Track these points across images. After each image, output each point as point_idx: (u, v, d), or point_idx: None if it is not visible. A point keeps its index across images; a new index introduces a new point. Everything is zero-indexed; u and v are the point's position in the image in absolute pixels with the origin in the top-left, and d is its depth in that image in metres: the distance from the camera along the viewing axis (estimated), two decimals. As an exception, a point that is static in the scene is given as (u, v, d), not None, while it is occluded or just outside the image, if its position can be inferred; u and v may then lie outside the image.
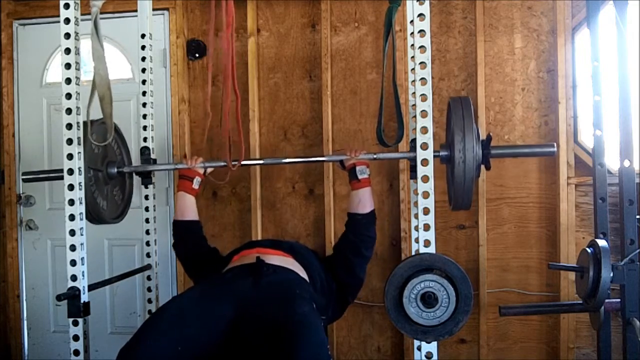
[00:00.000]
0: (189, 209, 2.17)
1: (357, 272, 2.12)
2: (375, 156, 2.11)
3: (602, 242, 1.93)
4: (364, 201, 2.10)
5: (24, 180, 2.25)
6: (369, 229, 2.12)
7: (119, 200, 2.29)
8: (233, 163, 2.08)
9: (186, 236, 2.18)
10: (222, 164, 2.13)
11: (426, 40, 1.77)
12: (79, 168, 1.88)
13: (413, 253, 2.21)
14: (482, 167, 1.90)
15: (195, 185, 2.17)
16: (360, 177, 2.09)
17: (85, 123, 1.89)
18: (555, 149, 2.03)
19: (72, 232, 1.87)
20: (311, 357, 1.45)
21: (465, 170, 1.76)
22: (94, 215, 2.02)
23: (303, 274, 1.91)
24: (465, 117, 1.80)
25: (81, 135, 1.88)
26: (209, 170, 2.21)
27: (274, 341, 1.49)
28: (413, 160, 1.83)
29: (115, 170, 2.17)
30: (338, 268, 2.10)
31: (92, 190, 2.01)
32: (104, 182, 2.13)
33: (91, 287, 1.96)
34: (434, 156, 1.80)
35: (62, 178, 1.93)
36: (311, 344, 1.48)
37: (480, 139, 1.86)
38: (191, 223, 2.18)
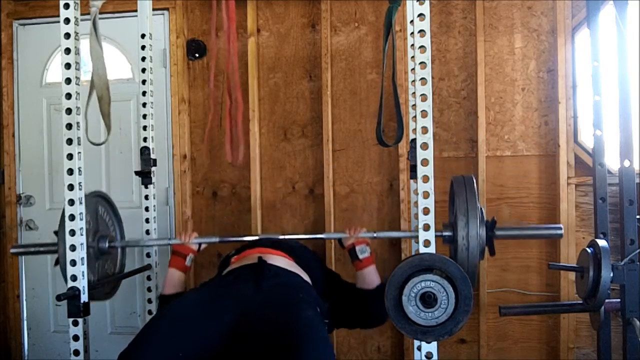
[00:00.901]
0: (178, 285, 2.10)
1: (351, 324, 2.17)
2: (375, 235, 2.08)
3: (602, 242, 1.93)
4: (370, 280, 2.07)
5: (13, 254, 2.21)
6: (377, 303, 1.97)
7: (110, 275, 2.21)
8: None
9: None
10: (216, 240, 2.11)
11: (426, 40, 1.76)
12: (79, 168, 1.88)
13: (413, 253, 2.21)
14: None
15: (188, 262, 2.11)
16: (361, 257, 2.06)
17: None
18: (563, 231, 1.96)
19: (72, 232, 1.87)
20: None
21: (469, 256, 1.72)
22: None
23: (305, 277, 1.90)
24: (469, 200, 1.74)
25: (81, 136, 1.88)
26: (204, 246, 2.16)
27: (278, 346, 1.48)
28: (413, 159, 1.82)
29: (107, 245, 2.08)
30: (339, 313, 2.04)
31: None
32: (95, 257, 2.05)
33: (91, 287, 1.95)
34: (437, 236, 1.72)
35: (53, 252, 1.92)
36: (318, 348, 1.48)
37: (485, 220, 1.81)
38: (178, 295, 2.08)
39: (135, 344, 1.52)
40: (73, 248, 1.87)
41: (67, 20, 1.85)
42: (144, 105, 2.43)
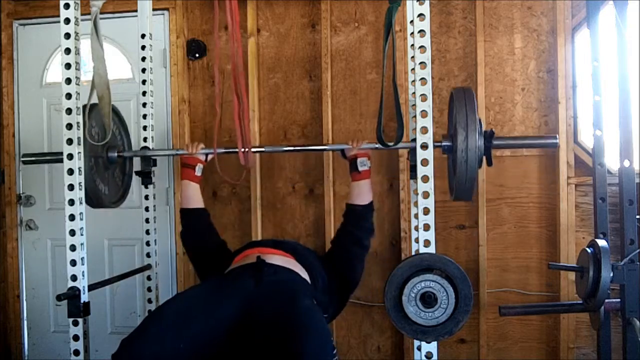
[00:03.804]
0: (194, 196, 2.18)
1: (357, 264, 2.15)
2: (377, 145, 2.10)
3: (602, 242, 1.94)
4: (364, 193, 2.15)
5: (24, 162, 2.27)
6: (368, 219, 2.16)
7: (119, 183, 2.32)
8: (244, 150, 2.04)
9: (194, 224, 2.18)
10: (222, 150, 2.14)
11: (426, 40, 1.77)
12: (79, 168, 1.88)
13: (413, 253, 2.21)
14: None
15: (198, 172, 2.17)
16: (360, 169, 2.13)
17: (84, 107, 1.90)
18: (558, 140, 2.05)
19: (72, 232, 1.87)
20: (318, 348, 1.47)
21: (468, 162, 1.77)
22: (94, 200, 2.04)
23: (304, 275, 1.92)
24: (468, 112, 1.79)
25: (81, 136, 1.88)
26: (210, 156, 2.20)
27: (278, 336, 1.50)
28: (413, 159, 1.83)
29: (116, 154, 2.18)
30: (337, 261, 2.11)
31: (93, 176, 2.01)
32: (104, 167, 2.15)
33: (91, 287, 1.96)
34: (436, 146, 1.82)
35: (59, 161, 1.96)
36: (317, 335, 1.51)
37: (483, 130, 1.86)
38: (198, 210, 2.18)
39: (137, 332, 1.53)
40: (73, 248, 1.88)
41: (67, 20, 1.86)
42: (144, 105, 2.43)
